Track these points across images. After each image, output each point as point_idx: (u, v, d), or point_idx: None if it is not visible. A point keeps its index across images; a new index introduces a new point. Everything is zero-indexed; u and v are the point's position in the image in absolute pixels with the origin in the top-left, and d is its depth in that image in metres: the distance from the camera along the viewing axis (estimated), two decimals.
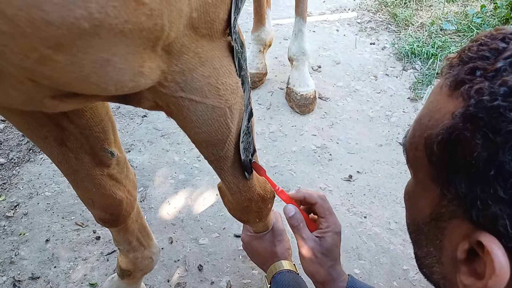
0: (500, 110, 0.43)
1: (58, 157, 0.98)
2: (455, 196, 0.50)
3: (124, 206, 1.16)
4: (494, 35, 0.50)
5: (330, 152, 2.05)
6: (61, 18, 0.41)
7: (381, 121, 2.22)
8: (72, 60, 0.46)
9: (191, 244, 1.66)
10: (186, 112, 0.73)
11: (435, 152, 0.51)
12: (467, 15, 2.89)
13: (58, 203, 1.82)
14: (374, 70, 2.57)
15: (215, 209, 1.78)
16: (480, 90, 0.46)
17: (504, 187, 0.43)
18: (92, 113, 0.94)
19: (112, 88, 0.54)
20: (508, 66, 0.45)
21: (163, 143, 2.11)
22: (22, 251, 1.64)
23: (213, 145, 0.85)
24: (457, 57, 0.52)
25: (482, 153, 0.45)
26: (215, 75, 0.71)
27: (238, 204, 1.08)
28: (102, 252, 1.63)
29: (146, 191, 1.87)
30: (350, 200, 1.82)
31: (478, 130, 0.45)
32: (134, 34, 0.48)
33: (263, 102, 2.35)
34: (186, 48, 0.62)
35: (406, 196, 0.67)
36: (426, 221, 0.58)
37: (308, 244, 0.95)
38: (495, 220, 0.45)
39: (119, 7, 0.43)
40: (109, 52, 0.47)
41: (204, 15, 0.60)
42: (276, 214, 1.38)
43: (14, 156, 2.04)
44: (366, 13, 3.08)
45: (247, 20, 3.02)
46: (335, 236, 0.98)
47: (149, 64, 0.56)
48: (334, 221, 1.00)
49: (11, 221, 1.75)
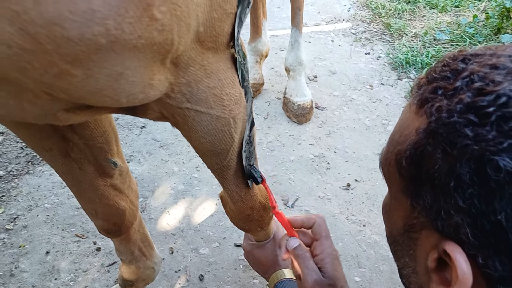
0: (456, 126, 0.46)
1: (62, 168, 0.99)
2: (423, 207, 0.53)
3: (127, 216, 1.17)
4: (456, 56, 0.54)
5: (328, 161, 2.07)
6: (80, 35, 0.42)
7: (377, 130, 2.24)
8: (88, 74, 0.47)
9: (191, 254, 1.66)
10: (191, 123, 0.75)
11: (404, 166, 0.54)
12: (459, 25, 2.94)
13: (58, 214, 1.82)
14: (369, 79, 2.60)
15: (215, 219, 1.79)
16: (440, 107, 0.49)
17: (463, 197, 0.46)
18: (96, 124, 0.95)
19: (124, 100, 0.55)
20: (465, 85, 0.48)
21: (162, 153, 2.12)
22: (22, 264, 1.64)
23: (217, 155, 0.86)
24: (425, 77, 0.56)
25: (443, 166, 0.48)
26: (220, 86, 0.73)
27: (240, 213, 1.09)
28: (103, 263, 1.63)
29: (146, 202, 1.87)
30: (348, 209, 1.84)
31: (438, 145, 0.48)
32: (146, 48, 0.49)
33: (260, 112, 2.37)
34: (192, 61, 0.64)
35: (383, 210, 0.70)
36: (400, 232, 0.61)
37: (314, 277, 0.92)
38: (457, 229, 0.48)
39: (134, 23, 0.45)
40: (123, 66, 0.49)
41: (210, 29, 0.63)
42: (277, 222, 1.39)
43: (13, 168, 2.04)
44: (360, 24, 3.13)
45: (243, 32, 3.04)
46: (334, 261, 0.94)
47: (158, 76, 0.57)
48: (329, 245, 0.96)
49: (10, 233, 1.75)
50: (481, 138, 0.44)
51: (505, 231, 0.44)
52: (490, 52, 0.52)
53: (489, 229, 0.45)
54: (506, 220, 0.43)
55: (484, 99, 0.45)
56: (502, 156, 0.43)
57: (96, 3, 0.42)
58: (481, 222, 0.45)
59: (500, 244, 0.45)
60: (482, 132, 0.44)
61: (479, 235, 0.46)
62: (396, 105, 2.40)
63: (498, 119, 0.44)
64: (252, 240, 1.34)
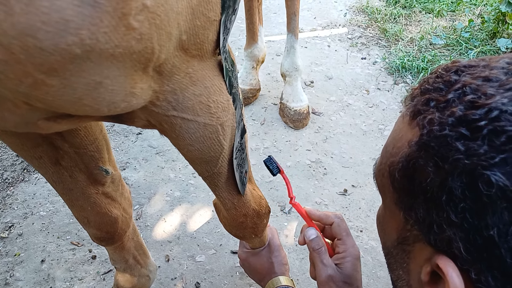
0: (448, 139, 0.46)
1: (52, 176, 0.98)
2: (415, 220, 0.52)
3: (119, 224, 1.16)
4: (449, 67, 0.53)
5: (325, 166, 2.06)
6: (53, 45, 0.42)
7: (374, 135, 2.24)
8: (66, 84, 0.47)
9: (188, 261, 1.65)
10: (179, 130, 0.74)
11: (397, 179, 0.54)
12: (455, 29, 2.95)
13: (53, 222, 1.81)
14: (366, 84, 2.60)
15: (212, 226, 1.78)
16: (432, 120, 0.49)
17: (455, 211, 0.46)
18: (86, 132, 0.95)
19: (105, 109, 0.55)
20: (457, 98, 0.48)
21: (158, 160, 2.11)
22: (18, 272, 1.62)
23: (207, 162, 0.86)
24: (418, 88, 0.55)
25: (435, 180, 0.47)
26: (206, 93, 0.72)
27: (234, 220, 1.08)
28: (99, 271, 1.62)
29: (142, 209, 1.86)
30: (345, 214, 1.83)
31: (430, 158, 0.48)
32: (125, 57, 0.49)
33: (257, 118, 2.37)
34: (177, 69, 0.63)
35: (377, 221, 0.69)
36: (394, 245, 0.61)
37: (329, 272, 0.90)
38: (450, 243, 0.47)
39: (110, 32, 0.45)
40: (101, 75, 0.49)
41: (193, 37, 0.62)
42: (272, 229, 1.39)
43: (8, 176, 2.03)
44: (356, 29, 3.13)
45: (239, 37, 3.05)
46: (355, 261, 0.92)
47: (140, 85, 0.57)
48: (352, 244, 0.94)
49: (5, 242, 1.74)
50: (473, 152, 0.44)
51: (497, 246, 0.43)
52: (483, 63, 0.51)
53: (482, 244, 0.44)
54: (499, 235, 0.43)
55: (476, 113, 0.45)
56: (493, 171, 0.42)
57: (69, 13, 0.41)
58: (473, 237, 0.45)
59: (493, 259, 0.44)
60: (474, 146, 0.44)
61: (471, 249, 0.46)
62: (392, 110, 2.40)
63: (489, 133, 0.43)
64: (247, 247, 1.33)
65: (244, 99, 2.42)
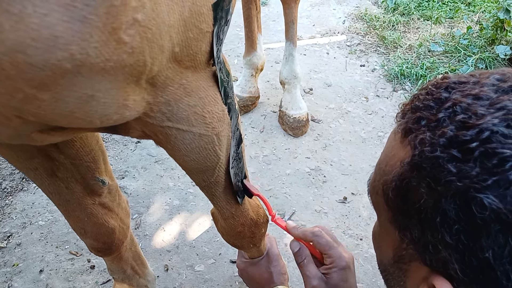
0: (439, 161, 0.45)
1: (49, 187, 0.98)
2: (410, 240, 0.52)
3: (116, 234, 1.15)
4: (440, 84, 0.53)
5: (324, 174, 2.06)
6: (44, 61, 0.43)
7: (373, 142, 2.24)
8: (57, 98, 0.48)
9: (187, 271, 1.64)
10: (174, 141, 0.74)
11: (391, 198, 0.54)
12: (454, 36, 2.95)
13: (52, 232, 1.80)
14: (365, 91, 2.60)
15: (211, 235, 1.78)
16: (423, 140, 0.48)
17: (450, 233, 0.45)
18: (82, 143, 0.95)
19: (97, 121, 0.55)
20: (448, 117, 0.47)
21: (157, 169, 2.11)
22: (16, 283, 1.61)
23: (203, 172, 0.86)
24: (409, 104, 0.55)
25: (429, 201, 0.47)
26: (201, 104, 0.72)
27: (232, 230, 1.08)
28: (97, 281, 1.61)
29: (141, 218, 1.86)
30: (345, 222, 1.82)
31: (423, 179, 0.48)
32: (117, 70, 0.49)
33: (256, 126, 2.37)
34: (170, 80, 0.64)
35: (373, 237, 0.69)
36: (390, 262, 0.60)
37: (312, 283, 0.91)
38: (446, 264, 0.47)
39: (100, 47, 0.45)
40: (93, 89, 0.49)
41: (186, 49, 0.62)
42: (270, 239, 1.38)
43: (7, 185, 2.02)
44: (355, 36, 3.14)
45: (238, 45, 3.06)
46: (342, 271, 0.91)
47: (133, 97, 0.57)
48: (339, 255, 0.93)
49: (4, 251, 1.73)
50: (465, 175, 0.44)
51: (493, 268, 0.43)
52: (473, 80, 0.51)
53: (477, 266, 0.44)
54: (494, 257, 0.43)
55: (467, 133, 0.45)
56: (486, 194, 0.42)
57: (58, 29, 0.42)
58: (469, 259, 0.45)
59: (489, 281, 0.44)
60: (466, 168, 0.44)
61: (467, 271, 0.45)
62: (391, 117, 2.40)
63: (481, 155, 0.43)
64: (245, 257, 1.33)
65: (243, 107, 2.42)
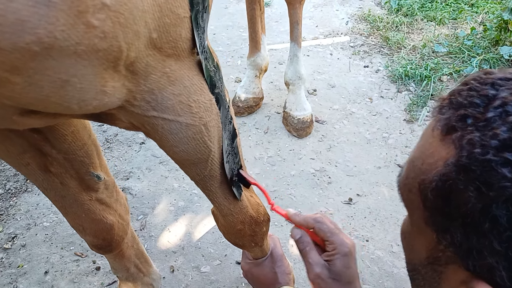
0: (492, 164, 0.43)
1: (43, 183, 0.98)
2: (450, 243, 0.50)
3: (116, 230, 1.15)
4: (484, 79, 0.50)
5: (329, 175, 2.05)
6: (12, 44, 0.44)
7: (378, 143, 2.23)
8: (30, 82, 0.49)
9: (192, 272, 1.64)
10: (161, 131, 0.74)
11: (430, 198, 0.51)
12: (457, 37, 2.95)
13: (57, 233, 1.80)
14: (369, 92, 2.60)
15: (216, 236, 1.77)
16: (472, 141, 0.46)
17: (499, 240, 0.43)
18: (74, 137, 0.94)
19: (75, 107, 0.56)
20: (499, 117, 0.45)
21: (161, 169, 2.10)
22: (21, 284, 1.61)
23: (195, 164, 0.85)
24: (447, 99, 0.52)
25: (477, 205, 0.45)
26: (186, 93, 0.72)
27: (231, 227, 1.07)
28: (103, 283, 1.61)
29: (146, 219, 1.85)
30: (351, 224, 1.82)
31: (471, 182, 0.45)
32: (90, 55, 0.50)
33: (260, 127, 2.36)
34: (152, 68, 0.64)
35: (402, 236, 0.66)
36: (423, 263, 0.58)
37: (316, 270, 0.91)
38: (491, 271, 0.45)
39: (68, 30, 0.46)
40: (67, 74, 0.50)
41: (165, 35, 0.62)
42: (274, 239, 1.37)
43: (11, 186, 2.02)
44: (358, 37, 3.14)
45: (241, 46, 3.06)
46: (344, 257, 0.92)
47: (112, 83, 0.58)
48: (341, 242, 0.94)
49: (9, 253, 1.72)
50: None
51: None
52: None
53: None
54: None
55: None
56: None
57: (24, 14, 0.43)
58: None
59: None
60: None
61: None
62: (396, 118, 2.39)
63: None
64: (249, 258, 1.32)
65: (247, 108, 2.42)
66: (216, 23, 3.34)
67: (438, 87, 2.54)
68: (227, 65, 2.87)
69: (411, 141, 2.23)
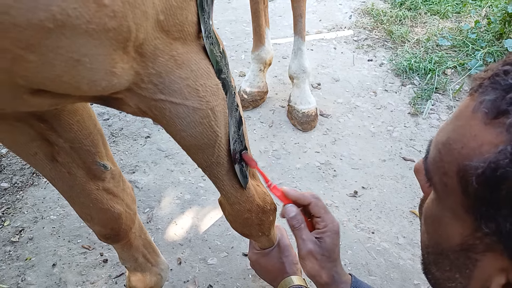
0: None
1: (50, 173, 0.99)
2: (495, 232, 0.47)
3: (123, 219, 1.16)
4: None
5: (334, 168, 2.06)
6: (27, 21, 0.45)
7: (383, 136, 2.24)
8: (44, 60, 0.50)
9: (200, 264, 1.65)
10: (169, 115, 0.75)
11: (473, 185, 0.47)
12: (461, 30, 2.95)
13: (64, 226, 1.81)
14: (373, 86, 2.60)
15: (223, 228, 1.78)
16: None
17: None
18: (80, 126, 0.95)
19: (85, 87, 0.57)
20: None
21: (167, 163, 2.11)
22: (29, 277, 1.62)
23: (202, 150, 0.86)
24: (489, 78, 0.48)
25: None
26: (193, 77, 0.73)
27: (238, 216, 1.08)
28: (110, 275, 1.62)
29: (153, 212, 1.86)
30: (356, 216, 1.82)
31: None
32: (101, 35, 0.51)
33: (265, 120, 2.37)
34: (160, 51, 0.65)
35: (428, 219, 0.62)
36: (454, 249, 0.55)
37: (308, 246, 0.95)
38: None
39: (79, 8, 0.48)
40: (79, 53, 0.52)
41: (172, 17, 0.64)
42: (281, 229, 1.38)
43: (17, 180, 2.03)
44: (362, 31, 3.13)
45: (245, 41, 3.06)
46: (334, 235, 0.97)
47: (121, 65, 0.59)
48: (331, 220, 0.98)
49: (16, 246, 1.74)
50: None
51: None
52: None
53: None
54: None
55: None
56: None
57: None
58: None
59: None
60: None
61: None
62: (400, 111, 2.39)
63: None
64: (257, 248, 1.33)
65: (252, 101, 2.42)
66: (220, 18, 3.33)
67: (442, 81, 2.55)
68: (231, 60, 2.87)
69: (416, 134, 2.23)
